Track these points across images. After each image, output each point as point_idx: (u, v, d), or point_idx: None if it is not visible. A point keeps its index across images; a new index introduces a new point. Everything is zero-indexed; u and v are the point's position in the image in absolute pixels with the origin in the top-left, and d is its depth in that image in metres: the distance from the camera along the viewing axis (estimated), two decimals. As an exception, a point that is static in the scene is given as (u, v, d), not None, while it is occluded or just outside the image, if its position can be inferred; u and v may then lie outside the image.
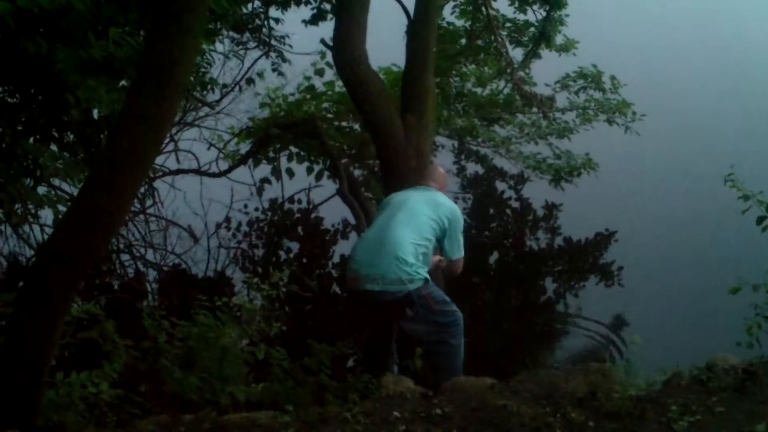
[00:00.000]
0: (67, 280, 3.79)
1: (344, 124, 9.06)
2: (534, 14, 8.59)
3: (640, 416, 3.53)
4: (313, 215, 9.81)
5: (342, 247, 9.04)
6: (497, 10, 8.70)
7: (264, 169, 9.37)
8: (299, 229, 9.76)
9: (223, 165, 9.22)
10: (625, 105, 8.93)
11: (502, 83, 9.27)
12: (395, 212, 4.94)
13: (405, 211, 4.93)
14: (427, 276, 4.83)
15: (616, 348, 6.71)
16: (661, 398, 3.71)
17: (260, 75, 9.00)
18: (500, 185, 10.66)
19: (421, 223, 4.88)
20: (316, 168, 8.95)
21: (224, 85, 8.76)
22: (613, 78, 8.99)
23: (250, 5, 8.14)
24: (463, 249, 5.14)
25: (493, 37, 8.55)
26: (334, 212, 9.29)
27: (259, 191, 9.49)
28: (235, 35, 8.38)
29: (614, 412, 3.59)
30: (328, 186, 9.07)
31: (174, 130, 8.70)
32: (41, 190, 6.76)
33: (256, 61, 8.91)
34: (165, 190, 9.05)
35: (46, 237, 7.20)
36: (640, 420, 3.50)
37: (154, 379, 4.57)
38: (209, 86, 7.69)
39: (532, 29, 8.67)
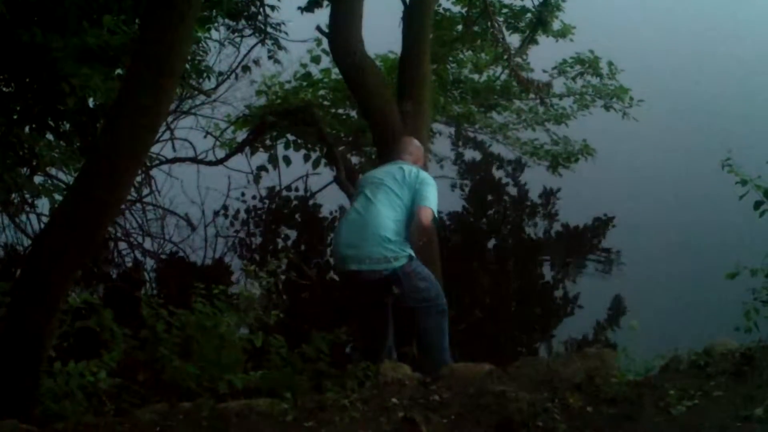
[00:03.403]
0: (64, 269, 3.79)
1: (341, 111, 9.03)
2: (531, 0, 8.56)
3: (638, 401, 3.53)
4: (310, 203, 9.79)
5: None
6: (494, -4, 8.69)
7: (261, 157, 9.35)
8: (297, 216, 9.75)
9: (220, 153, 9.20)
10: (622, 90, 8.90)
11: (499, 69, 9.24)
12: (375, 192, 4.97)
13: (383, 190, 4.96)
14: (412, 253, 4.88)
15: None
16: (659, 383, 3.71)
17: (256, 62, 8.96)
18: (498, 172, 10.65)
19: (400, 201, 4.93)
20: (313, 155, 8.94)
21: (220, 73, 8.72)
22: (610, 63, 8.96)
23: (245, -8, 8.11)
24: (435, 205, 5.02)
25: (489, 23, 8.52)
26: (331, 200, 9.28)
27: (256, 179, 9.47)
28: (231, 22, 8.33)
29: (612, 397, 3.59)
30: (326, 173, 9.06)
31: (170, 119, 8.67)
32: (38, 179, 6.76)
33: (251, 48, 8.87)
34: (162, 178, 9.04)
35: (42, 226, 7.19)
36: (638, 405, 3.50)
37: (152, 368, 4.58)
38: (205, 74, 7.66)
39: (529, 15, 8.64)
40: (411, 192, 4.96)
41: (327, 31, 6.28)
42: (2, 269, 7.64)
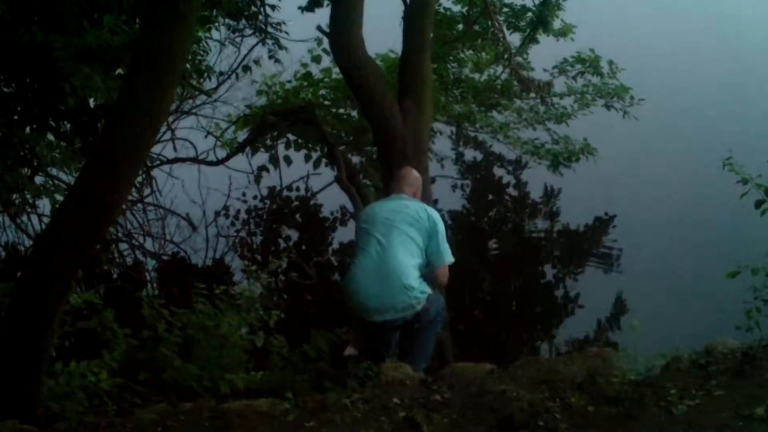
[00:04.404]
0: (65, 269, 3.79)
1: (342, 110, 9.03)
2: (531, -1, 8.57)
3: (640, 400, 3.53)
4: (311, 203, 9.80)
5: (341, 235, 9.04)
6: (494, -5, 8.68)
7: (262, 157, 9.35)
8: (298, 216, 9.76)
9: (221, 153, 9.20)
10: (623, 90, 8.90)
11: (499, 69, 9.23)
12: (388, 236, 4.88)
13: (396, 233, 4.88)
14: (430, 290, 4.90)
15: None
16: (660, 382, 3.71)
17: (257, 62, 8.95)
18: (499, 171, 10.64)
19: (414, 244, 4.90)
20: (314, 155, 8.94)
21: (221, 73, 8.72)
22: (610, 62, 8.96)
23: (245, -9, 8.11)
24: (450, 255, 5.10)
25: (490, 23, 8.52)
26: (332, 199, 9.28)
27: (257, 179, 9.46)
28: (231, 22, 8.33)
29: (613, 396, 3.59)
30: (326, 173, 9.06)
31: (171, 119, 8.67)
32: (38, 179, 6.75)
33: (252, 48, 8.86)
34: (163, 178, 9.03)
35: (44, 227, 7.19)
36: (639, 404, 3.50)
37: (153, 368, 4.59)
38: (206, 74, 7.66)
39: (530, 14, 8.63)
40: (424, 235, 4.93)
41: (327, 30, 6.27)
42: (3, 270, 7.64)
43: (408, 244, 4.87)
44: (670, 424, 3.34)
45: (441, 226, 5.01)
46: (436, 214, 5.04)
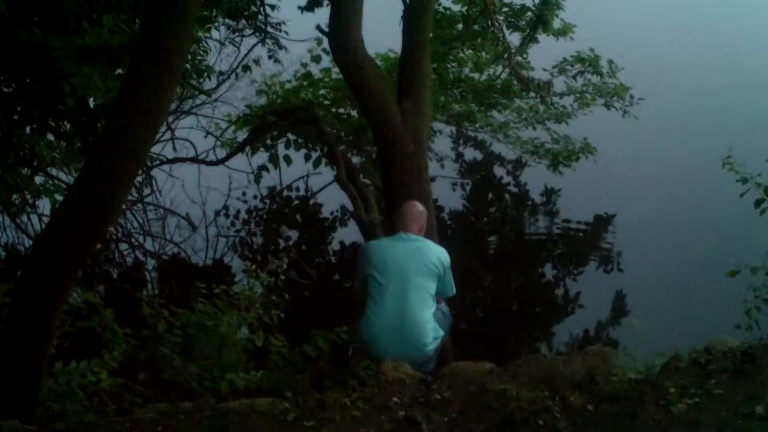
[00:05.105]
0: (65, 269, 3.79)
1: (341, 110, 9.03)
2: (531, -2, 8.55)
3: (639, 399, 3.53)
4: (311, 202, 9.80)
5: (341, 234, 9.04)
6: (494, -5, 8.66)
7: (261, 157, 9.34)
8: (298, 216, 9.76)
9: (221, 153, 9.19)
10: (623, 89, 8.88)
11: (499, 68, 9.21)
12: (404, 289, 4.91)
13: (412, 287, 4.92)
14: (442, 333, 5.02)
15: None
16: (660, 381, 3.72)
17: (257, 62, 8.95)
18: (498, 170, 10.64)
19: (428, 294, 4.98)
20: (314, 155, 8.93)
21: (221, 73, 8.72)
22: (610, 62, 8.94)
23: (245, -9, 8.10)
24: (454, 289, 5.23)
25: (489, 22, 8.50)
26: (332, 199, 9.28)
27: (257, 179, 9.45)
28: (231, 22, 8.33)
29: (613, 395, 3.60)
30: (326, 173, 9.05)
31: (171, 119, 8.68)
32: (38, 179, 6.75)
33: (252, 48, 8.87)
34: (163, 178, 9.04)
35: (43, 226, 7.19)
36: (638, 403, 3.50)
37: (153, 368, 4.59)
38: (205, 74, 7.65)
39: (529, 13, 8.62)
40: (436, 280, 5.01)
41: (327, 30, 6.27)
42: (3, 270, 7.64)
43: (424, 296, 4.95)
44: (669, 422, 3.34)
45: (447, 266, 5.08)
46: (445, 256, 5.10)
